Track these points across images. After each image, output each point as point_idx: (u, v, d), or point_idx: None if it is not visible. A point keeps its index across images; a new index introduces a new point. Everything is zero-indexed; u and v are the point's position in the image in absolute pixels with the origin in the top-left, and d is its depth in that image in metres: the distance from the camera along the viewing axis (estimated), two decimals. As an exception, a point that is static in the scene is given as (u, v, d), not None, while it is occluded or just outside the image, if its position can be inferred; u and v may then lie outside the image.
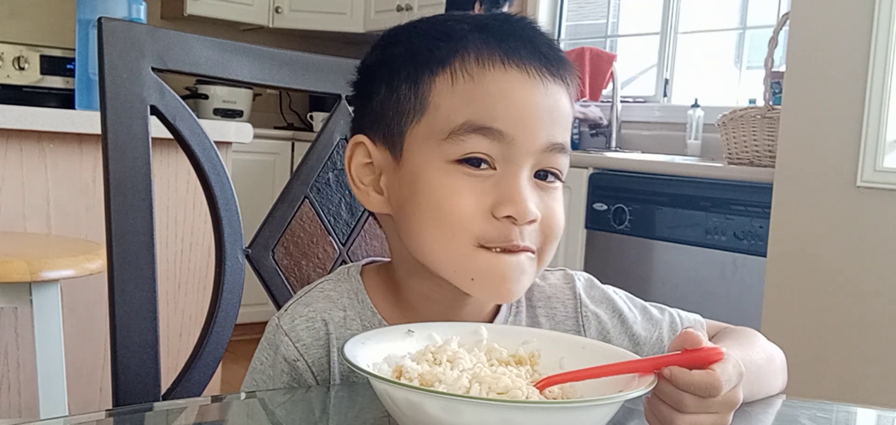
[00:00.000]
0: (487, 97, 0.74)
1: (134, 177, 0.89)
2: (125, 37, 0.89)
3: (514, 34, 0.77)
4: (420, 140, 0.77)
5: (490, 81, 0.75)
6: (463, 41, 0.76)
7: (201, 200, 1.01)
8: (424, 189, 0.76)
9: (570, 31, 4.16)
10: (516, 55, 0.76)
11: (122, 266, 0.89)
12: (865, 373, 2.24)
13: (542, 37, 0.79)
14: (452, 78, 0.76)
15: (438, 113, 0.76)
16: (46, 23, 4.21)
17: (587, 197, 3.07)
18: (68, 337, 1.78)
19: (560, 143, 0.77)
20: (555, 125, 0.76)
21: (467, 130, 0.74)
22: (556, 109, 0.77)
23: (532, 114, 0.75)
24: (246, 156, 3.88)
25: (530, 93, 0.75)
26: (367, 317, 0.82)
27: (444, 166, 0.75)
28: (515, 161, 0.75)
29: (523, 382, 0.65)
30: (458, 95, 0.75)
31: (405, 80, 0.78)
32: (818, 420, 0.85)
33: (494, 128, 0.74)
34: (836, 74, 2.30)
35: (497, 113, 0.74)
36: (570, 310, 0.87)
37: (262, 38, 4.60)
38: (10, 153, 2.03)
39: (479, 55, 0.76)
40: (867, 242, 2.24)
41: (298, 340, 0.81)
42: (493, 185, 0.75)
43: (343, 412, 0.78)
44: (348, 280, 0.85)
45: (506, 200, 0.74)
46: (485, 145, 0.74)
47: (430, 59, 0.77)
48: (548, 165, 0.77)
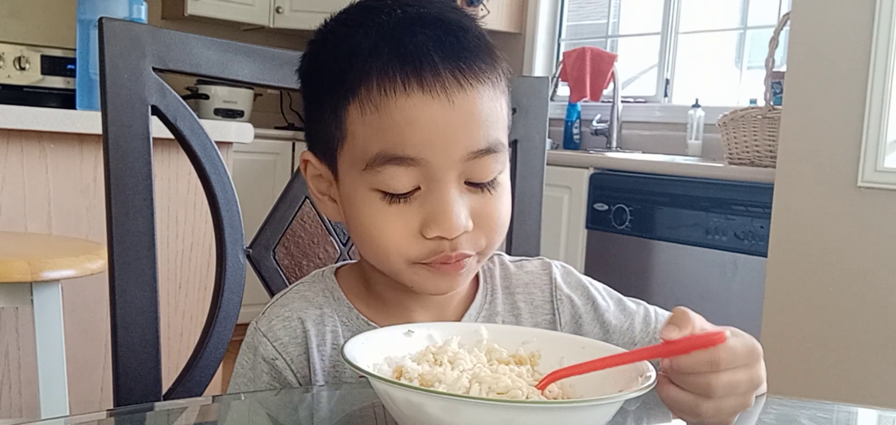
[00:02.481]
0: (393, 126, 0.73)
1: (135, 177, 0.89)
2: (126, 37, 0.89)
3: (416, 48, 0.73)
4: (347, 166, 0.77)
5: (393, 110, 0.73)
6: (367, 63, 0.74)
7: (202, 200, 1.01)
8: (357, 215, 0.77)
9: (570, 31, 4.16)
10: (417, 75, 0.72)
11: (123, 266, 0.89)
12: (865, 373, 2.24)
13: (448, 40, 0.74)
14: (361, 108, 0.74)
15: (355, 141, 0.75)
16: (47, 23, 4.21)
17: (588, 197, 3.07)
18: (69, 337, 1.78)
19: (484, 148, 0.74)
20: (472, 133, 0.74)
21: (382, 162, 0.73)
22: (472, 118, 0.74)
23: (442, 133, 0.73)
24: (247, 156, 3.88)
25: (437, 112, 0.72)
26: (343, 312, 0.84)
27: (369, 194, 0.75)
28: (437, 178, 0.74)
29: (523, 382, 0.65)
30: (368, 126, 0.74)
31: (328, 105, 0.77)
32: (818, 420, 0.84)
33: (406, 156, 0.73)
34: (837, 74, 2.30)
35: (405, 141, 0.72)
36: (547, 294, 0.88)
37: (262, 38, 4.59)
38: (10, 153, 2.03)
39: (380, 82, 0.73)
40: (868, 242, 2.24)
41: (276, 339, 0.82)
42: (418, 206, 0.74)
43: (327, 407, 0.78)
44: (322, 281, 0.86)
45: (432, 221, 0.74)
46: (402, 176, 0.73)
47: (342, 86, 0.76)
48: (477, 176, 0.75)
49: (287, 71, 1.01)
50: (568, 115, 3.85)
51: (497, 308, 0.87)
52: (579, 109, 3.83)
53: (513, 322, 0.86)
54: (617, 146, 3.67)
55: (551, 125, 3.76)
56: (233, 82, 1.00)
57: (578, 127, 3.84)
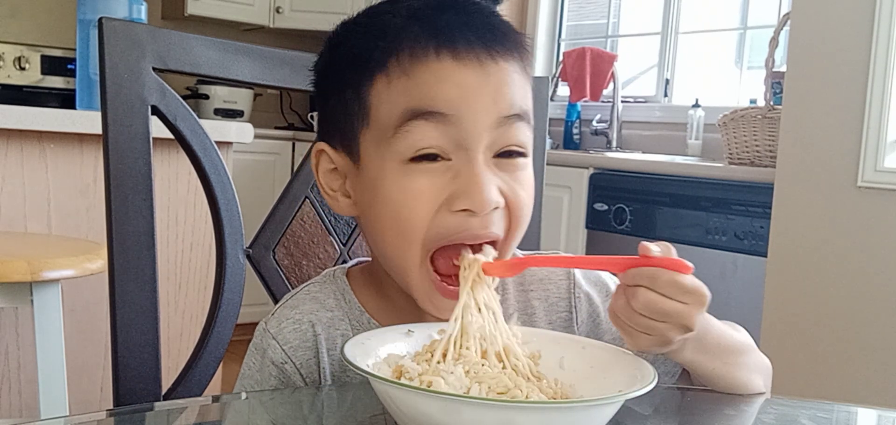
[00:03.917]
0: (424, 84, 0.73)
1: (134, 177, 0.89)
2: (126, 37, 0.89)
3: (448, 23, 0.74)
4: (372, 145, 0.76)
5: (425, 74, 0.73)
6: (397, 38, 0.74)
7: (202, 200, 1.01)
8: (384, 193, 0.74)
9: (570, 31, 4.16)
10: (450, 44, 0.73)
11: (123, 266, 0.89)
12: (865, 373, 2.24)
13: (481, 17, 0.76)
14: (388, 77, 0.74)
15: (380, 113, 0.74)
16: (47, 23, 4.21)
17: (588, 197, 3.07)
18: (69, 337, 1.78)
19: (515, 113, 0.74)
20: (504, 97, 0.74)
21: (409, 117, 0.72)
22: (504, 84, 0.74)
23: (473, 93, 0.73)
24: (246, 156, 3.88)
25: (465, 74, 0.73)
26: (354, 315, 0.83)
27: (400, 167, 0.73)
28: (467, 145, 0.72)
29: (523, 382, 0.65)
30: (395, 91, 0.73)
31: (350, 86, 0.77)
32: (818, 420, 0.84)
33: (435, 110, 0.72)
34: (837, 74, 2.30)
35: (436, 95, 0.72)
36: (563, 290, 0.87)
37: (262, 38, 4.59)
38: (10, 153, 2.03)
39: (412, 50, 0.73)
40: (868, 242, 2.24)
41: (286, 343, 0.81)
42: (451, 179, 0.73)
43: (336, 411, 0.78)
44: (334, 282, 0.85)
45: (462, 192, 0.72)
46: (431, 133, 0.72)
47: (369, 63, 0.75)
48: (507, 142, 0.74)
49: (287, 71, 1.01)
50: (568, 115, 3.85)
51: (509, 308, 0.84)
52: (579, 109, 3.83)
53: (525, 321, 0.83)
54: (617, 146, 3.67)
55: (551, 125, 3.76)
56: (233, 82, 1.00)
57: (578, 127, 3.84)
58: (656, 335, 0.68)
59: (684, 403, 0.83)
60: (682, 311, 0.67)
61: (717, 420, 0.81)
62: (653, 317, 0.67)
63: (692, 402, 0.83)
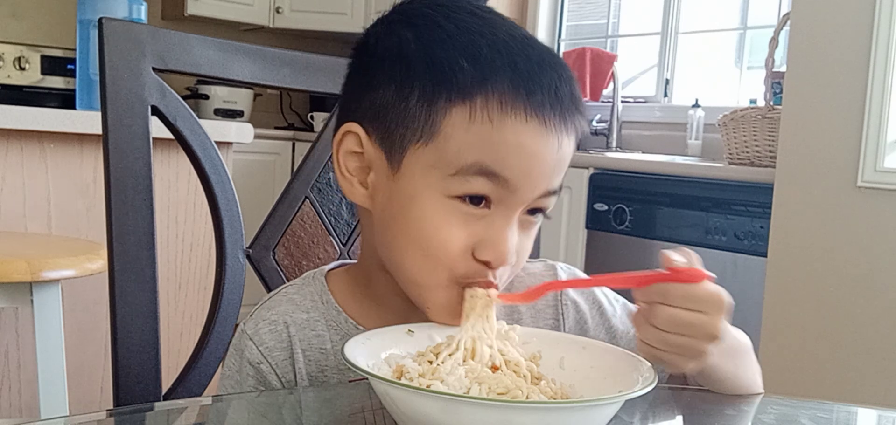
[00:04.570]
0: (503, 145, 0.70)
1: (134, 177, 0.89)
2: (126, 37, 0.89)
3: (542, 83, 0.72)
4: (423, 165, 0.72)
5: (509, 130, 0.70)
6: (491, 76, 0.71)
7: (202, 200, 1.01)
8: (418, 215, 0.73)
9: (570, 31, 4.16)
10: (540, 108, 0.71)
11: (123, 266, 0.89)
12: (865, 373, 2.24)
13: (567, 83, 0.74)
14: (471, 114, 0.71)
15: (448, 144, 0.71)
16: (47, 23, 4.21)
17: (588, 197, 3.07)
18: (69, 338, 1.78)
19: (554, 190, 0.75)
20: (556, 175, 0.74)
21: (475, 171, 0.71)
22: (563, 160, 0.74)
23: (541, 167, 0.72)
24: (246, 157, 3.88)
25: (544, 146, 0.72)
26: (332, 316, 0.83)
27: (443, 200, 0.72)
28: (511, 205, 0.73)
29: (523, 382, 0.65)
30: (473, 134, 0.70)
31: (419, 94, 0.72)
32: (818, 420, 0.84)
33: (502, 175, 0.71)
34: (837, 74, 2.30)
35: (509, 162, 0.71)
36: (550, 298, 0.87)
37: (262, 38, 4.59)
38: (10, 153, 2.03)
39: (502, 99, 0.70)
40: (868, 242, 2.24)
41: (262, 343, 0.81)
42: (484, 226, 0.73)
43: (316, 411, 0.78)
44: (313, 283, 0.85)
45: (489, 244, 0.72)
46: (488, 187, 0.72)
47: (452, 84, 0.71)
48: (538, 205, 0.75)
49: (287, 71, 1.01)
50: (568, 115, 3.84)
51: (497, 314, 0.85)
52: (579, 109, 3.83)
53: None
54: (617, 146, 3.67)
55: (551, 125, 3.75)
56: (232, 82, 1.00)
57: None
58: (689, 351, 0.67)
59: (684, 403, 0.83)
60: (703, 321, 0.67)
61: (716, 420, 0.81)
62: (677, 330, 0.66)
63: (692, 402, 0.83)
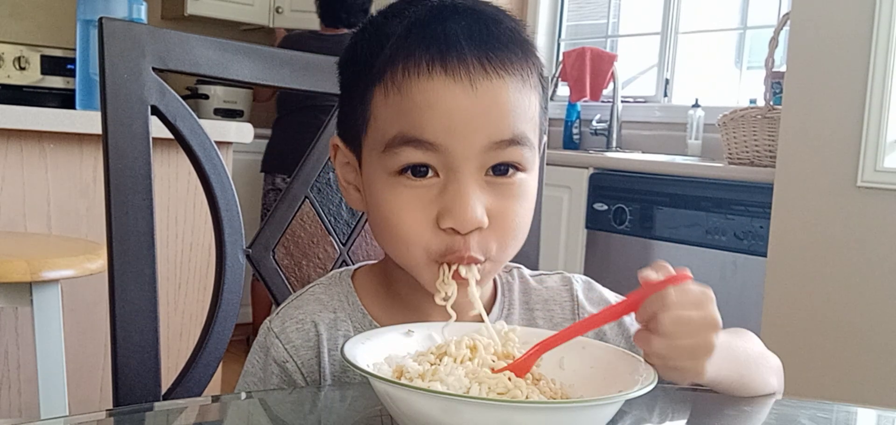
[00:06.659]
0: (414, 108, 0.72)
1: (134, 177, 0.89)
2: (126, 37, 0.89)
3: (444, 33, 0.72)
4: (368, 151, 0.77)
5: (415, 91, 0.72)
6: (393, 49, 0.73)
7: (202, 200, 1.01)
8: (377, 202, 0.76)
9: (570, 31, 4.16)
10: (442, 58, 0.71)
11: (123, 266, 0.89)
12: (865, 373, 2.24)
13: (478, 29, 0.73)
14: (385, 90, 0.74)
15: (377, 124, 0.75)
16: (47, 23, 4.21)
17: (587, 197, 3.07)
18: (68, 337, 1.78)
19: (508, 138, 0.73)
20: (495, 122, 0.72)
21: (399, 143, 0.72)
22: (495, 106, 0.72)
23: (461, 117, 0.71)
24: (246, 156, 3.87)
25: (454, 97, 0.71)
26: (357, 318, 0.83)
27: (389, 179, 0.74)
28: (456, 167, 0.72)
29: (523, 382, 0.65)
30: (390, 107, 0.73)
31: (356, 91, 0.78)
32: (818, 420, 0.84)
33: (424, 139, 0.71)
34: (837, 74, 2.30)
35: (424, 123, 0.71)
36: (568, 312, 0.87)
37: (262, 38, 4.59)
38: (10, 153, 2.03)
39: (405, 64, 0.72)
40: (867, 242, 2.24)
41: (288, 342, 0.82)
42: (437, 194, 0.73)
43: (336, 410, 0.78)
44: (339, 283, 0.85)
45: (447, 211, 0.72)
46: (420, 155, 0.72)
47: (370, 72, 0.75)
48: (501, 160, 0.73)
49: (287, 71, 1.01)
50: (568, 115, 3.85)
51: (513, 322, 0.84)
52: (579, 109, 3.83)
53: None
54: (617, 146, 3.67)
55: (551, 125, 3.76)
56: (232, 82, 1.00)
57: (578, 127, 3.84)
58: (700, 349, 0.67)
59: (684, 403, 0.83)
60: (703, 315, 0.67)
61: (717, 420, 0.81)
62: (684, 331, 0.66)
63: (692, 402, 0.83)
